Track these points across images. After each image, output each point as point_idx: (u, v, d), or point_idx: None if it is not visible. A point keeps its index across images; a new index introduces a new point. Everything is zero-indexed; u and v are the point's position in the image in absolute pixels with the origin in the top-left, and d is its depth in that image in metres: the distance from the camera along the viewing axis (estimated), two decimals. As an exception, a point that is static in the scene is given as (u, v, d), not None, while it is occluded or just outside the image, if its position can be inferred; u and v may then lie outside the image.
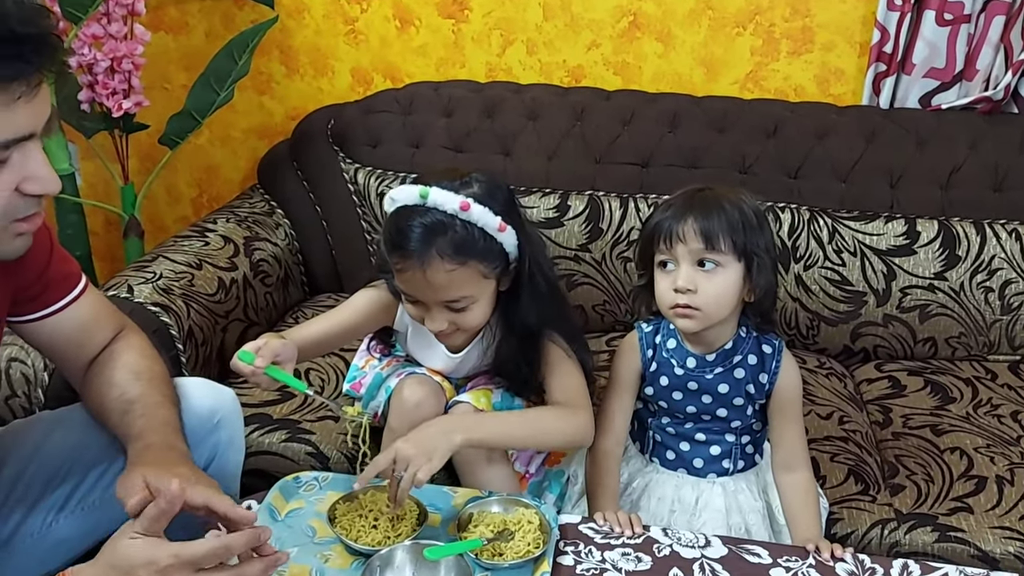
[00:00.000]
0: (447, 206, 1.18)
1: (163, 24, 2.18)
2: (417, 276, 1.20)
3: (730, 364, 1.26)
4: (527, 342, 1.33)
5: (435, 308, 1.24)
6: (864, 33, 1.90)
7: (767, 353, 1.26)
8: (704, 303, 1.18)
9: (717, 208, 1.18)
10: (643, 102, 1.92)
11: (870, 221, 1.75)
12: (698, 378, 1.26)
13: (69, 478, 1.16)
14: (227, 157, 2.32)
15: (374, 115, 1.96)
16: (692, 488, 1.30)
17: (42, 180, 0.89)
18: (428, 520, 1.15)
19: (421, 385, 1.36)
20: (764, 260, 1.19)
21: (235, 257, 1.78)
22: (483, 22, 2.05)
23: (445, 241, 1.18)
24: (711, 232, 1.17)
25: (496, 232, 1.21)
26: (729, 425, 1.29)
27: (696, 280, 1.18)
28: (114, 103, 1.89)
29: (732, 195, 1.22)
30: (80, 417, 1.19)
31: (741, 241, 1.17)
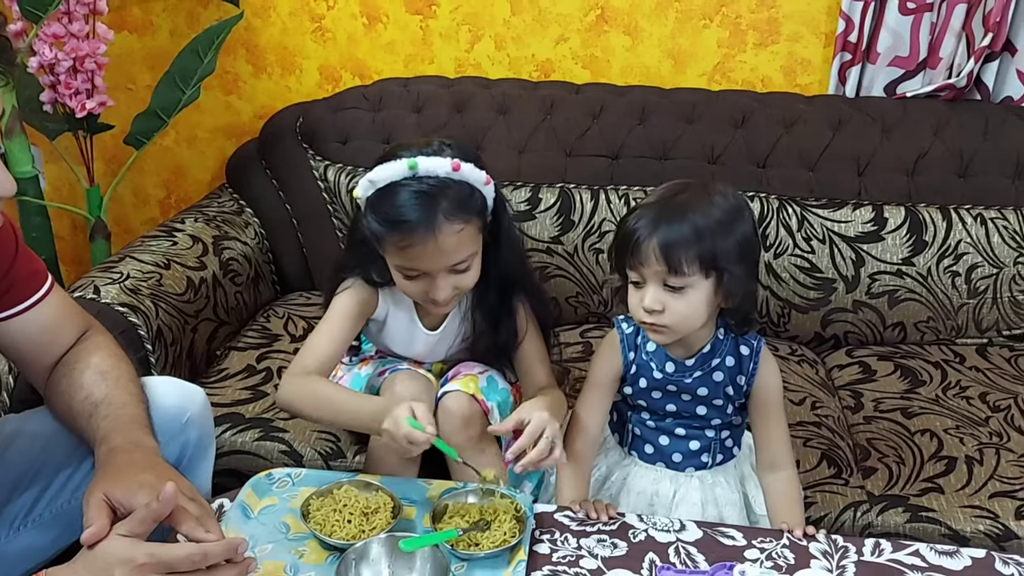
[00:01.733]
0: (439, 171, 1.20)
1: (127, 23, 2.15)
2: (429, 246, 1.20)
3: (708, 367, 1.24)
4: (502, 300, 1.35)
5: (440, 276, 1.25)
6: (829, 23, 1.91)
7: (744, 355, 1.24)
8: (672, 322, 1.16)
9: (684, 223, 1.13)
10: (612, 95, 1.92)
11: (838, 208, 1.77)
12: (677, 381, 1.25)
13: (35, 483, 1.14)
14: (195, 157, 2.30)
15: (343, 112, 1.95)
16: (670, 482, 1.28)
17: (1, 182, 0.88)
18: (403, 513, 1.14)
19: (413, 380, 1.35)
20: (734, 271, 1.14)
21: (204, 256, 1.76)
22: (451, 18, 2.04)
23: (448, 203, 1.20)
24: (674, 256, 1.12)
25: (483, 186, 1.25)
26: (709, 422, 1.27)
27: (664, 300, 1.15)
28: (77, 103, 1.87)
29: (704, 198, 1.16)
30: (46, 420, 1.16)
31: (709, 257, 1.13)
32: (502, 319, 1.37)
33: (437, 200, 1.19)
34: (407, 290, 1.30)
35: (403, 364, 1.42)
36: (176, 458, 1.18)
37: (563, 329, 1.82)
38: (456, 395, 1.34)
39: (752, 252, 1.18)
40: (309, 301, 1.91)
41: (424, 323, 1.40)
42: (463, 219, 1.21)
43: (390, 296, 1.39)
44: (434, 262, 1.23)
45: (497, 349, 1.39)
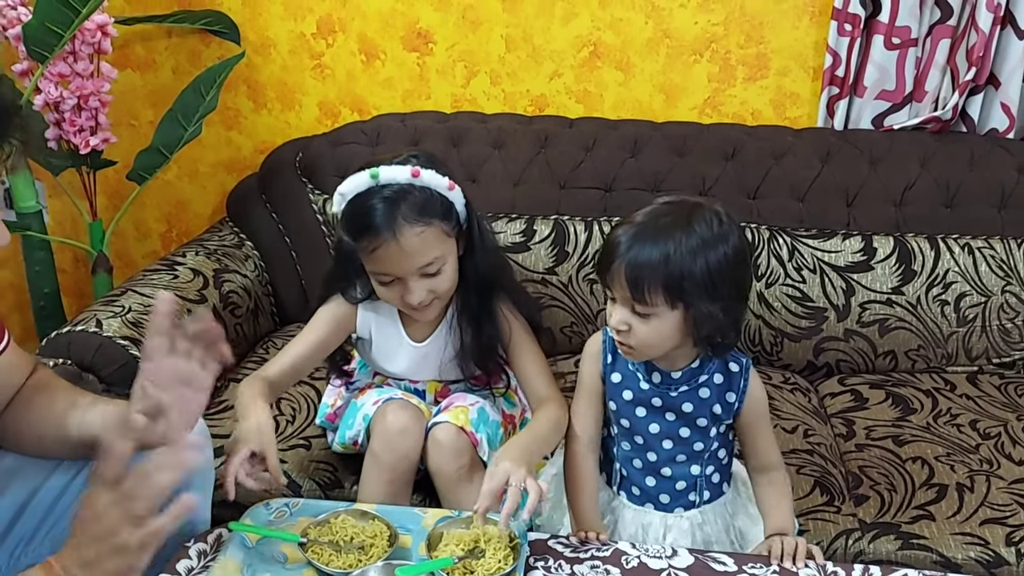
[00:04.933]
0: (399, 178, 1.27)
1: (130, 62, 2.20)
2: (392, 249, 1.26)
3: (696, 383, 1.23)
4: (482, 302, 1.39)
5: (412, 280, 1.30)
6: (816, 58, 1.96)
7: (734, 372, 1.23)
8: (638, 344, 1.16)
9: (654, 251, 1.11)
10: (605, 128, 1.96)
11: (828, 239, 1.80)
12: (663, 395, 1.24)
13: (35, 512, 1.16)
14: (196, 192, 2.33)
15: (342, 147, 1.99)
16: (659, 522, 1.28)
17: None
18: (398, 541, 1.16)
19: (403, 410, 1.38)
20: (703, 305, 1.12)
21: (204, 289, 1.79)
22: (447, 55, 2.09)
23: (407, 206, 1.26)
24: (639, 284, 1.11)
25: (447, 191, 1.31)
26: (693, 449, 1.25)
27: (630, 321, 1.15)
28: (81, 140, 1.91)
29: (683, 225, 1.12)
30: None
31: (675, 289, 1.11)
32: (483, 321, 1.41)
33: (397, 204, 1.26)
34: (386, 297, 1.35)
35: (398, 394, 1.45)
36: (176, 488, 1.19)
37: (559, 359, 1.84)
38: (445, 427, 1.37)
39: (728, 283, 1.13)
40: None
41: (411, 335, 1.44)
42: (424, 222, 1.27)
43: (373, 312, 1.44)
44: (400, 265, 1.29)
45: (484, 354, 1.41)
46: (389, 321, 1.45)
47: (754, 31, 1.97)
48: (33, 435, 1.14)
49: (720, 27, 1.97)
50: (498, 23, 2.04)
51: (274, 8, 2.09)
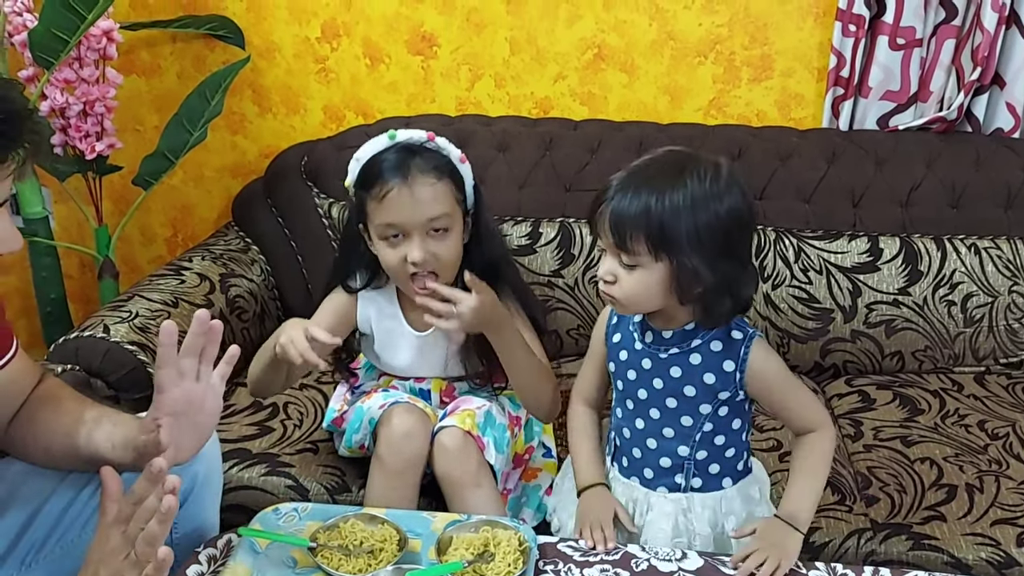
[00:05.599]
0: (415, 139, 1.35)
1: (135, 67, 2.20)
2: (403, 195, 1.30)
3: (687, 347, 1.17)
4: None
5: (417, 235, 1.32)
6: (821, 59, 1.96)
7: (735, 339, 1.16)
8: (623, 296, 1.12)
9: (638, 200, 1.07)
10: (610, 130, 1.96)
11: (834, 240, 1.80)
12: (652, 355, 1.19)
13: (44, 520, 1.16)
14: (201, 196, 2.34)
15: (347, 151, 1.97)
16: (644, 499, 1.24)
17: (7, 240, 0.93)
18: (408, 546, 1.16)
19: (408, 414, 1.38)
20: (688, 261, 1.07)
21: (211, 294, 1.79)
22: (451, 58, 2.09)
23: (422, 159, 1.32)
24: (621, 232, 1.08)
25: (458, 162, 1.37)
26: (680, 424, 1.19)
27: (616, 272, 1.12)
28: (87, 146, 1.91)
29: (675, 177, 1.08)
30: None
31: (657, 240, 1.07)
32: None
33: (412, 156, 1.32)
34: (389, 262, 1.35)
35: (404, 397, 1.45)
36: (184, 492, 1.20)
37: (564, 361, 1.84)
38: (451, 431, 1.37)
39: (718, 242, 1.08)
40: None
41: (412, 325, 1.45)
42: (436, 175, 1.33)
43: (373, 304, 1.46)
44: (410, 213, 1.31)
45: (488, 347, 1.41)
46: (390, 311, 1.46)
47: (758, 32, 1.97)
48: (40, 446, 1.14)
49: (724, 28, 1.97)
50: (502, 26, 2.05)
51: (279, 13, 2.10)
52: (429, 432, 1.39)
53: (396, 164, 1.31)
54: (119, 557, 0.91)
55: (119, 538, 0.92)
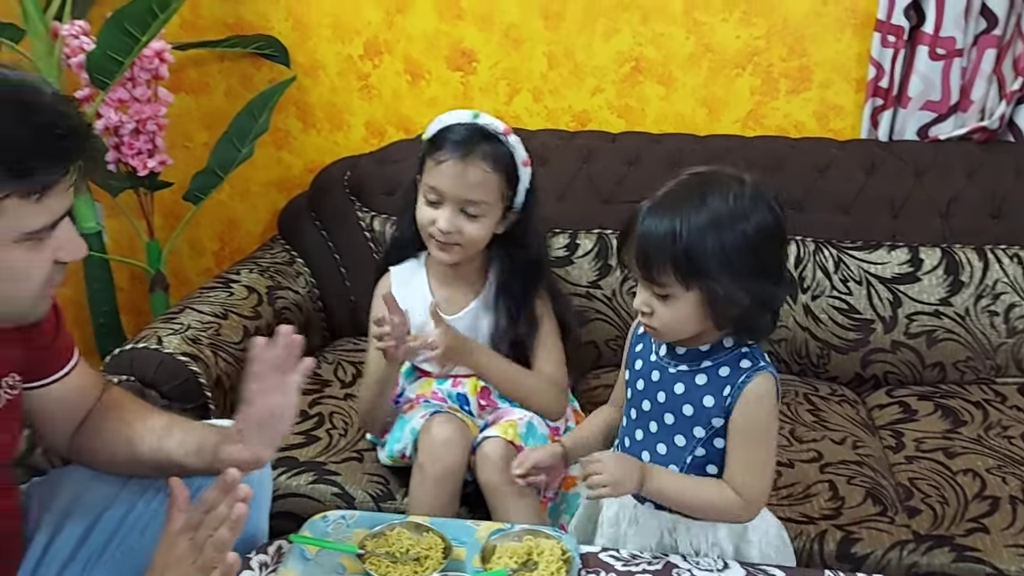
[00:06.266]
0: (494, 126, 1.43)
1: (184, 85, 2.27)
2: (455, 168, 1.40)
3: (696, 366, 1.16)
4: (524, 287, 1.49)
5: (451, 207, 1.42)
6: (860, 70, 1.96)
7: (743, 368, 1.13)
8: (661, 326, 1.12)
9: (664, 226, 1.05)
10: (647, 143, 1.98)
11: (874, 250, 1.80)
12: (662, 369, 1.18)
13: (107, 523, 1.21)
14: (248, 211, 2.40)
15: (389, 165, 2.03)
16: (631, 510, 1.25)
17: (74, 247, 0.97)
18: (453, 554, 1.18)
19: (448, 423, 1.42)
20: (720, 286, 1.05)
21: (259, 306, 1.84)
22: (490, 73, 2.12)
23: (488, 147, 1.41)
24: (648, 263, 1.07)
25: (521, 165, 1.44)
26: (674, 442, 1.18)
27: (651, 303, 1.11)
28: (139, 163, 1.98)
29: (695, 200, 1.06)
30: None
31: (686, 270, 1.05)
32: (522, 307, 1.49)
33: (481, 140, 1.41)
34: (421, 219, 1.45)
35: (444, 407, 1.48)
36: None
37: (603, 371, 1.86)
38: (494, 441, 1.40)
39: (748, 263, 1.05)
40: (357, 347, 1.97)
41: (441, 308, 1.50)
42: (493, 167, 1.41)
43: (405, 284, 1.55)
44: (453, 185, 1.40)
45: (518, 342, 1.48)
46: (420, 292, 1.53)
47: (796, 44, 1.97)
48: (106, 453, 1.19)
49: (762, 40, 1.98)
50: (540, 41, 2.08)
51: (323, 32, 2.15)
52: (469, 441, 1.43)
53: (463, 140, 1.41)
54: (186, 562, 0.94)
55: (187, 544, 0.96)
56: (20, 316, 0.96)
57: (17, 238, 0.88)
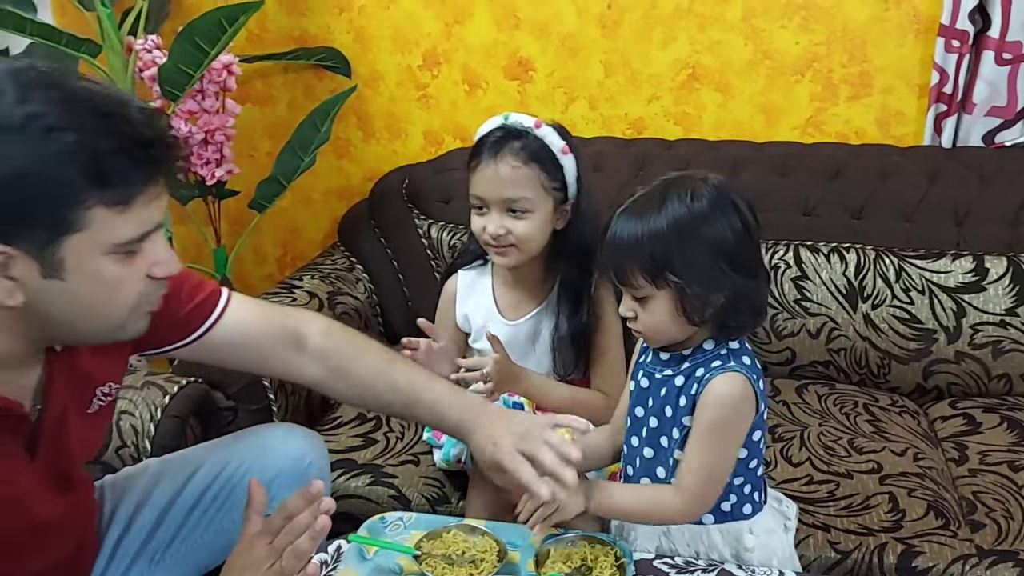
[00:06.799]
0: (523, 124, 1.45)
1: (250, 97, 2.34)
2: (489, 171, 1.42)
3: (677, 369, 1.17)
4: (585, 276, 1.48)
5: (495, 211, 1.44)
6: (923, 75, 1.93)
7: (713, 367, 1.14)
8: (645, 329, 1.15)
9: (628, 231, 1.09)
10: (704, 150, 1.97)
11: (937, 259, 1.77)
12: (650, 375, 1.21)
13: (174, 518, 1.26)
14: (309, 218, 2.46)
15: (446, 173, 2.07)
16: None
17: (167, 263, 0.97)
18: (507, 557, 1.20)
19: None
20: (688, 286, 1.07)
21: (320, 311, 1.89)
22: (547, 82, 2.14)
23: (518, 144, 1.42)
24: (618, 267, 1.11)
25: (560, 153, 1.43)
26: (659, 444, 1.20)
27: (633, 307, 1.14)
28: (207, 172, 2.04)
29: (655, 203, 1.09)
30: (182, 467, 1.28)
31: (651, 269, 1.08)
32: (583, 297, 1.49)
33: (510, 139, 1.42)
34: (474, 228, 1.48)
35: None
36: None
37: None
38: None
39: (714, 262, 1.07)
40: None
41: (504, 315, 1.52)
42: (525, 161, 1.41)
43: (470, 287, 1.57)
44: (491, 189, 1.42)
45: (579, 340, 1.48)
46: (484, 298, 1.55)
47: (857, 50, 1.95)
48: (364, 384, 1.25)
49: (822, 47, 1.97)
50: (597, 49, 2.09)
51: (383, 44, 2.20)
52: None
53: (494, 143, 1.43)
54: (264, 566, 0.97)
55: (265, 548, 0.98)
56: (113, 332, 0.97)
57: (107, 250, 0.89)
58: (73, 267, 0.88)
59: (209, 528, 1.27)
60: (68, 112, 0.85)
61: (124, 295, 0.93)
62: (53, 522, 1.05)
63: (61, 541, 1.09)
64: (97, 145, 0.86)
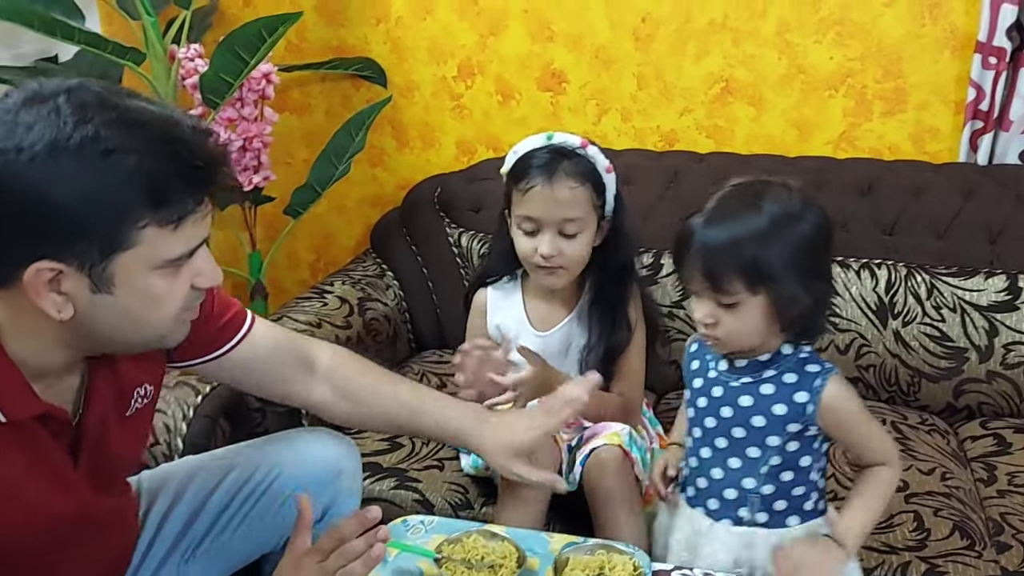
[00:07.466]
0: (570, 143, 1.46)
1: (287, 105, 2.38)
2: (544, 193, 1.42)
3: (759, 377, 1.17)
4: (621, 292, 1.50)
5: (549, 231, 1.44)
6: (959, 92, 1.91)
7: (810, 372, 1.15)
8: (726, 336, 1.13)
9: (726, 234, 1.08)
10: (736, 163, 1.97)
11: (970, 277, 1.75)
12: (724, 384, 1.19)
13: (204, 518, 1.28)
14: (342, 225, 2.50)
15: (477, 183, 2.09)
16: (707, 530, 1.23)
17: (210, 274, 0.99)
18: (526, 564, 1.21)
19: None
20: (784, 288, 1.08)
21: (350, 316, 1.92)
22: (580, 93, 2.16)
23: (570, 164, 1.43)
24: (715, 273, 1.09)
25: (604, 172, 1.46)
26: (747, 455, 1.18)
27: (716, 314, 1.12)
28: (245, 178, 2.09)
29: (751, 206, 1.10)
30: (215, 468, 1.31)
31: (752, 273, 1.07)
32: (619, 315, 1.50)
33: (560, 159, 1.43)
34: (522, 250, 1.47)
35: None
36: (326, 505, 1.30)
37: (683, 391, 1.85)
38: (608, 448, 1.42)
39: (807, 263, 1.09)
40: (442, 359, 2.02)
41: (535, 326, 1.54)
42: (579, 181, 1.43)
43: (501, 303, 1.57)
44: (547, 210, 1.42)
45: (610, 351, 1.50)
46: (515, 311, 1.56)
47: (892, 65, 1.94)
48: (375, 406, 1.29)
49: (857, 62, 1.96)
50: (630, 62, 2.10)
51: (419, 54, 2.23)
52: (557, 454, 1.45)
53: (544, 163, 1.43)
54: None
55: (315, 568, 0.99)
56: (157, 340, 0.99)
57: (156, 265, 0.91)
58: (122, 282, 0.90)
59: (236, 532, 1.29)
60: (125, 135, 0.86)
61: (169, 307, 0.95)
62: (94, 526, 1.07)
63: (101, 545, 1.11)
64: (154, 168, 0.87)
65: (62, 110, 0.85)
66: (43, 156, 0.84)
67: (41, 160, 0.84)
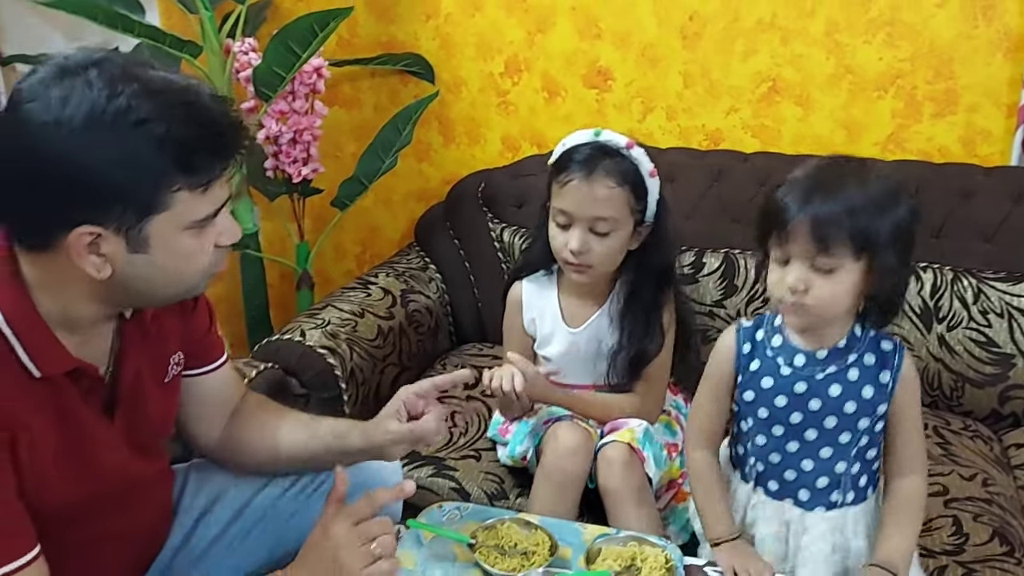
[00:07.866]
0: (616, 142, 1.45)
1: (338, 100, 2.43)
2: (581, 188, 1.43)
3: (844, 364, 1.17)
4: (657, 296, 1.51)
5: (580, 227, 1.45)
6: (1011, 94, 1.88)
7: (887, 351, 1.18)
8: (816, 303, 1.12)
9: (837, 200, 1.08)
10: (781, 163, 1.95)
11: (1018, 282, 1.72)
12: (807, 378, 1.18)
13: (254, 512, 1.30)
14: (388, 218, 2.54)
15: (521, 179, 2.11)
16: (799, 520, 1.24)
17: (232, 232, 1.06)
18: (559, 552, 1.23)
19: (573, 431, 1.47)
20: (887, 256, 1.09)
21: (393, 307, 1.95)
22: (625, 91, 2.17)
23: (611, 163, 1.43)
24: (825, 235, 1.07)
25: (648, 176, 1.45)
26: (838, 442, 1.19)
27: (809, 280, 1.11)
28: (295, 170, 2.14)
29: (862, 174, 1.11)
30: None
31: (861, 238, 1.08)
32: (654, 320, 1.51)
33: (603, 157, 1.43)
34: (553, 242, 1.49)
35: (566, 414, 1.53)
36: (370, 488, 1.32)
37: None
38: (616, 445, 1.44)
39: (907, 238, 1.11)
40: (481, 352, 2.05)
41: (567, 321, 1.56)
42: (618, 182, 1.42)
43: (536, 294, 1.59)
44: (581, 205, 1.43)
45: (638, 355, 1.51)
46: (549, 304, 1.59)
47: (943, 67, 1.91)
48: (247, 453, 1.29)
49: (907, 63, 1.94)
50: (676, 60, 2.10)
51: (467, 51, 2.26)
52: (592, 449, 1.47)
53: (586, 159, 1.43)
54: (355, 545, 1.03)
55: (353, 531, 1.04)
56: (186, 292, 1.07)
57: (186, 225, 0.98)
58: (157, 243, 0.97)
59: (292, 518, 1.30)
60: (154, 104, 0.92)
61: (199, 262, 1.02)
62: (132, 483, 1.12)
63: (141, 504, 1.16)
64: (184, 135, 0.93)
65: (94, 84, 0.90)
66: (80, 129, 0.89)
67: (79, 132, 0.89)
